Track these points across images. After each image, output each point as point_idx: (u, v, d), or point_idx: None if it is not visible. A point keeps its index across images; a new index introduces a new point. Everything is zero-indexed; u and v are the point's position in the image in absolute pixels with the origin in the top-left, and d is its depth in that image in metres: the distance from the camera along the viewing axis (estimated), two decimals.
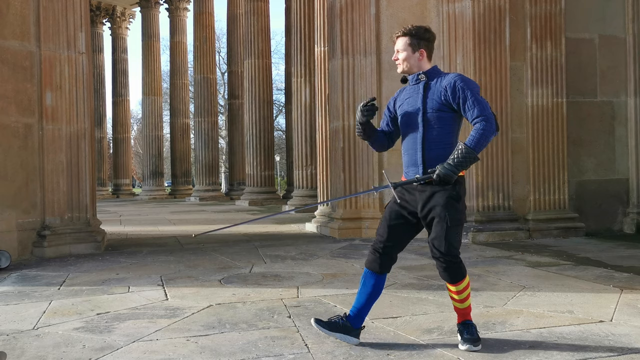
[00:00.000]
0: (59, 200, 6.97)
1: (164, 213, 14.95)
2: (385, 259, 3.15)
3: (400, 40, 3.18)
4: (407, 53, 3.15)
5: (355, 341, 3.18)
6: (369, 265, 3.19)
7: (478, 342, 3.06)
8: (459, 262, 3.07)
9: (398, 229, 3.14)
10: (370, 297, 3.20)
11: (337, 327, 3.17)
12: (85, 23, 7.34)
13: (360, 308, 3.20)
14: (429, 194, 3.04)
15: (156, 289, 4.82)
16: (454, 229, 3.01)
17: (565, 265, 5.63)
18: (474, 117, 2.97)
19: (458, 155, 2.94)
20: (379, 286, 3.21)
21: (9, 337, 3.47)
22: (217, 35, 33.93)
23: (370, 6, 8.30)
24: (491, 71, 7.62)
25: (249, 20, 18.41)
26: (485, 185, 7.59)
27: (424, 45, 3.15)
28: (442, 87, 3.05)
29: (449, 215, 3.00)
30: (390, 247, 3.14)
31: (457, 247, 3.06)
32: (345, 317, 3.20)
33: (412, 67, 3.16)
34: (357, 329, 3.20)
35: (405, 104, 3.17)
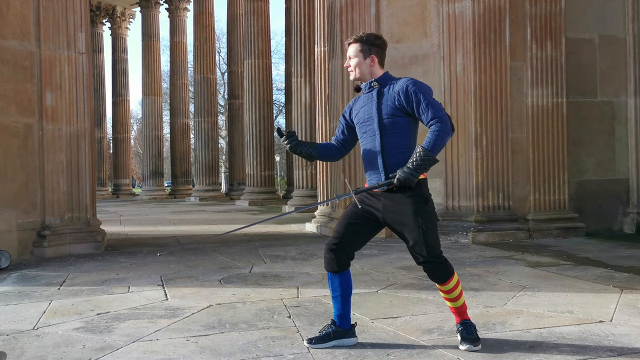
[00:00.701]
0: (59, 200, 6.97)
1: (164, 213, 14.95)
2: (341, 255, 3.13)
3: (351, 47, 3.20)
4: (358, 59, 3.16)
5: (353, 341, 3.18)
6: (328, 268, 3.18)
7: (478, 342, 3.06)
8: (444, 262, 3.08)
9: (356, 227, 3.14)
10: (344, 296, 3.19)
11: (329, 337, 3.16)
12: (85, 23, 7.34)
13: (341, 310, 3.19)
14: (394, 201, 3.04)
15: (156, 289, 4.82)
16: (429, 231, 3.01)
17: (565, 265, 5.63)
18: (429, 120, 2.97)
19: (417, 159, 2.94)
20: (347, 282, 3.19)
21: (9, 337, 3.47)
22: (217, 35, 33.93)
23: (370, 6, 8.29)
24: (491, 71, 7.62)
25: (249, 21, 18.41)
26: (485, 185, 7.59)
27: (375, 52, 3.16)
28: (395, 93, 3.06)
29: (421, 219, 3.00)
30: (345, 243, 3.13)
31: (438, 247, 3.07)
32: (333, 323, 3.19)
33: (364, 74, 3.17)
34: (349, 329, 3.19)
35: (361, 112, 3.18)
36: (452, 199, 7.79)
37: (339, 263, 3.14)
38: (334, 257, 3.14)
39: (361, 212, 3.14)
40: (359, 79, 3.20)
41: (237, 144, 22.58)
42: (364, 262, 5.99)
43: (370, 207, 3.12)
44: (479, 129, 7.56)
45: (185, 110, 25.67)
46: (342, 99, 8.38)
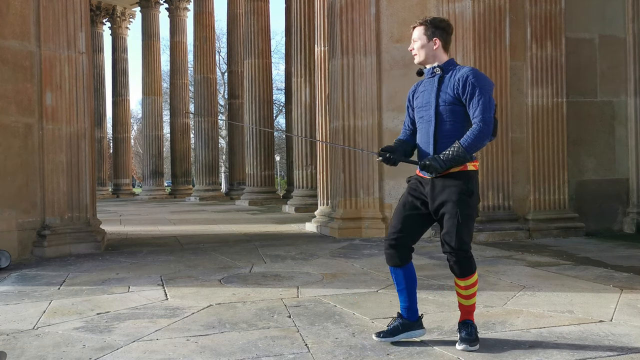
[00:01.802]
0: (59, 200, 6.97)
1: (164, 213, 14.95)
2: (402, 250, 3.14)
3: (416, 30, 3.20)
4: (421, 42, 3.15)
5: (421, 332, 3.21)
6: (390, 262, 3.19)
7: (475, 343, 3.06)
8: (469, 257, 3.08)
9: (412, 219, 3.15)
10: (409, 289, 3.20)
11: (398, 330, 3.17)
12: (85, 23, 7.34)
13: (407, 302, 3.20)
14: (441, 188, 3.05)
15: (156, 289, 4.82)
16: (465, 224, 3.02)
17: (565, 265, 5.64)
18: (474, 117, 2.98)
19: (451, 153, 2.96)
20: (411, 275, 3.20)
21: (9, 336, 3.47)
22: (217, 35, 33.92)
23: (370, 6, 8.30)
24: (491, 71, 7.62)
25: (249, 20, 18.41)
26: (485, 185, 7.59)
27: (439, 35, 3.15)
28: (456, 80, 3.05)
29: (460, 211, 3.00)
30: (404, 237, 3.14)
31: (469, 242, 3.07)
32: (400, 316, 3.20)
33: (428, 57, 3.16)
34: (416, 321, 3.21)
35: (420, 97, 3.19)
36: None
37: (401, 257, 3.14)
38: (396, 252, 3.14)
39: (414, 201, 3.14)
40: (422, 63, 3.19)
41: (237, 144, 22.58)
42: (364, 261, 6.00)
43: (422, 195, 3.12)
44: None
45: (186, 110, 25.64)
46: (342, 98, 8.38)
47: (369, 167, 8.27)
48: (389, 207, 8.20)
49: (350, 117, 8.34)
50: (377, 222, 8.19)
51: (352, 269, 5.64)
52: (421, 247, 6.99)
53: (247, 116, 18.36)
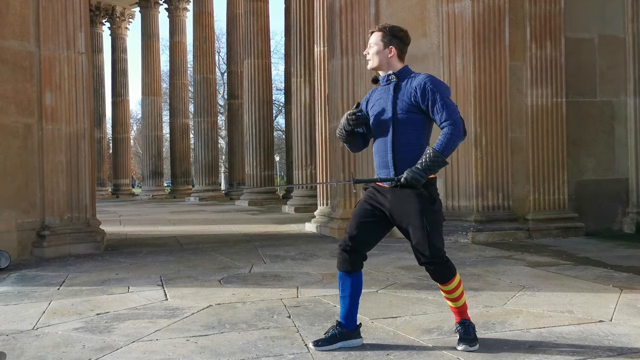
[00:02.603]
0: (58, 201, 6.97)
1: (164, 213, 14.95)
2: (356, 257, 3.11)
3: (373, 35, 3.19)
4: (377, 47, 3.15)
5: (359, 342, 3.17)
6: (341, 267, 3.15)
7: (475, 342, 3.06)
8: (445, 262, 3.06)
9: (368, 226, 3.12)
10: (353, 297, 3.17)
11: (336, 338, 3.13)
12: (84, 23, 7.34)
13: (348, 311, 3.17)
14: (401, 199, 3.02)
15: (156, 289, 4.82)
16: (434, 231, 2.99)
17: (565, 265, 5.64)
18: (442, 121, 2.96)
19: (427, 160, 2.93)
20: (358, 283, 3.17)
21: (9, 337, 3.47)
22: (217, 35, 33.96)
23: (369, 6, 8.29)
24: (491, 71, 7.62)
25: (248, 20, 18.41)
26: (484, 185, 7.59)
27: (396, 43, 3.15)
28: (412, 88, 3.04)
29: (426, 219, 2.98)
30: (359, 244, 3.11)
31: (442, 247, 3.04)
32: (339, 325, 3.17)
33: (382, 63, 3.15)
34: (354, 330, 3.18)
35: (376, 105, 3.15)
36: (451, 199, 7.79)
37: (352, 263, 3.12)
38: (348, 258, 3.11)
39: (371, 209, 3.12)
40: (375, 68, 3.17)
41: (236, 144, 22.58)
42: None
43: (378, 204, 3.10)
44: (478, 129, 7.56)
45: (185, 110, 25.68)
46: (341, 99, 8.38)
47: (369, 167, 8.27)
48: None
49: None
50: None
51: None
52: None
53: (247, 116, 18.36)
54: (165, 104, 32.76)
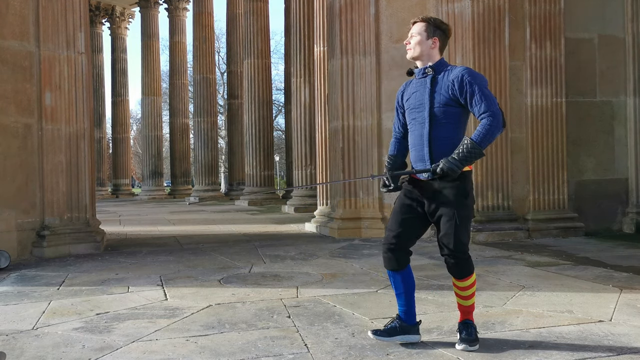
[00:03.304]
0: (58, 201, 6.97)
1: (164, 213, 14.95)
2: (400, 254, 3.12)
3: (416, 25, 3.16)
4: (420, 37, 3.11)
5: (417, 338, 3.16)
6: (388, 266, 3.16)
7: (475, 343, 3.06)
8: (467, 258, 3.08)
9: (409, 222, 3.12)
10: (407, 292, 3.17)
11: (395, 331, 3.14)
12: (84, 23, 7.34)
13: (405, 306, 3.17)
14: (436, 190, 3.03)
15: (155, 289, 4.82)
16: (462, 226, 3.01)
17: (565, 265, 5.64)
18: (481, 113, 2.93)
19: (463, 150, 2.91)
20: (409, 278, 3.18)
21: (9, 337, 3.47)
22: (217, 35, 33.95)
23: (369, 6, 8.30)
24: (490, 71, 7.62)
25: (248, 20, 18.41)
26: (484, 185, 7.59)
27: (439, 35, 3.12)
28: (450, 81, 3.01)
29: (457, 212, 2.99)
30: (402, 241, 3.12)
31: (467, 243, 3.06)
32: (399, 318, 3.18)
33: (423, 54, 3.11)
34: (414, 325, 3.17)
35: (412, 98, 3.13)
36: None
37: (399, 261, 3.12)
38: (394, 256, 3.12)
39: (410, 204, 3.12)
40: (416, 58, 3.13)
41: (236, 144, 22.58)
42: (364, 262, 6.00)
43: (417, 198, 3.10)
44: None
45: (185, 110, 25.67)
46: (341, 99, 8.38)
47: (369, 167, 8.27)
48: (388, 207, 8.19)
49: (349, 117, 8.34)
50: (376, 222, 8.19)
51: (351, 269, 5.64)
52: (421, 247, 6.99)
53: (247, 116, 18.36)
54: (165, 104, 32.74)
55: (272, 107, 20.10)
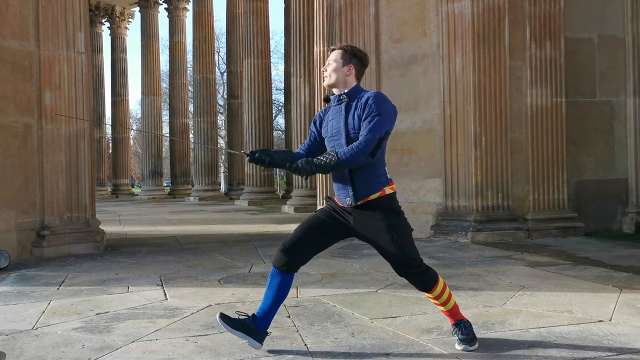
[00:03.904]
0: (58, 200, 6.96)
1: (163, 213, 14.95)
2: (293, 259, 3.06)
3: (333, 52, 3.16)
4: (336, 64, 3.11)
5: (257, 345, 3.07)
6: (275, 263, 3.09)
7: (474, 341, 3.06)
8: (425, 270, 3.06)
9: (318, 235, 3.10)
10: (276, 298, 3.09)
11: (241, 326, 3.06)
12: (84, 23, 7.33)
13: (266, 310, 3.10)
14: (366, 217, 3.01)
15: (155, 289, 4.82)
16: (405, 242, 3.00)
17: (565, 265, 5.64)
18: (363, 135, 2.92)
19: (324, 161, 2.91)
20: (286, 287, 3.10)
21: (8, 337, 3.47)
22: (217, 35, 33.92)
23: (369, 6, 8.30)
24: (490, 71, 7.62)
25: (248, 20, 18.41)
26: (484, 185, 7.59)
27: (354, 62, 3.11)
28: (361, 105, 3.01)
29: (395, 234, 2.98)
30: (302, 247, 3.07)
31: (418, 257, 3.05)
32: (253, 317, 3.10)
33: (338, 81, 3.11)
34: (261, 333, 3.09)
35: (329, 126, 3.12)
36: (451, 199, 7.79)
37: (288, 265, 3.06)
38: (285, 260, 3.05)
39: (326, 220, 3.10)
40: (332, 85, 3.13)
41: (236, 144, 22.58)
42: (364, 261, 6.00)
43: (341, 217, 3.08)
44: (478, 129, 7.56)
45: (185, 110, 25.68)
46: None
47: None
48: None
49: None
50: None
51: (351, 268, 5.64)
52: (421, 247, 6.97)
53: (247, 116, 18.36)
54: (165, 104, 32.74)
55: (272, 107, 20.10)
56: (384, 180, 3.04)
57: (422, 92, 8.04)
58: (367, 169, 3.00)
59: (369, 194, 2.99)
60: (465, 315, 3.23)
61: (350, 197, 3.02)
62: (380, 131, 2.92)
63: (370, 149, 2.90)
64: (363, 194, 3.00)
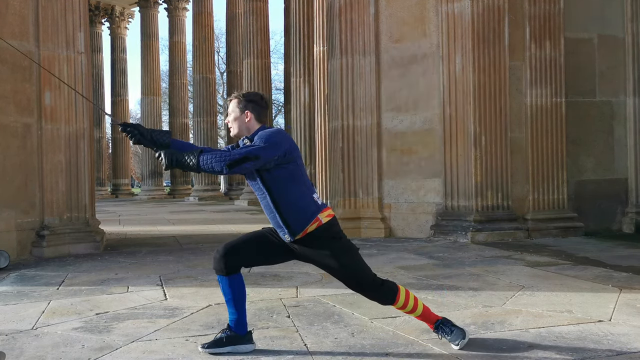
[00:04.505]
0: (57, 200, 6.96)
1: (163, 213, 14.94)
2: (231, 260, 3.06)
3: (230, 103, 3.18)
4: (234, 114, 3.12)
5: (249, 348, 3.11)
6: (214, 266, 3.09)
7: (463, 334, 3.08)
8: (380, 285, 3.07)
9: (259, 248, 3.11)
10: (237, 300, 3.11)
11: (222, 342, 3.08)
12: (84, 23, 7.33)
13: (235, 315, 3.12)
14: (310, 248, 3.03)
15: (155, 289, 4.82)
16: (353, 263, 3.03)
17: (564, 264, 5.64)
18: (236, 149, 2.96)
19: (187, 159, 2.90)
20: (239, 285, 3.11)
21: (8, 337, 3.46)
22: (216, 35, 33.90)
23: (369, 6, 8.30)
24: (490, 71, 7.62)
25: (248, 20, 18.41)
26: (484, 185, 7.59)
27: (251, 108, 3.11)
28: None
29: (341, 258, 3.00)
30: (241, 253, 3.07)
31: (369, 274, 3.06)
32: (229, 328, 3.13)
33: (241, 128, 3.11)
34: (244, 335, 3.12)
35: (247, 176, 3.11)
36: (451, 199, 7.78)
37: (227, 266, 3.06)
38: (222, 260, 3.05)
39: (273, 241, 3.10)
40: (238, 135, 3.14)
41: None
42: None
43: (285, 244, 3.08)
44: (478, 129, 7.56)
45: (184, 110, 25.67)
46: (341, 99, 8.39)
47: (368, 167, 8.27)
48: (388, 207, 8.20)
49: (349, 117, 8.34)
50: (376, 222, 8.18)
51: None
52: (421, 247, 7.00)
53: None
54: (165, 104, 32.73)
55: (271, 106, 20.08)
56: (315, 208, 3.02)
57: (422, 92, 8.04)
58: (292, 204, 2.99)
59: (304, 227, 2.99)
60: (465, 315, 3.23)
61: (288, 234, 3.02)
62: (249, 155, 2.90)
63: (229, 161, 2.88)
64: (299, 229, 3.00)
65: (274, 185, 3.01)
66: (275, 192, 3.01)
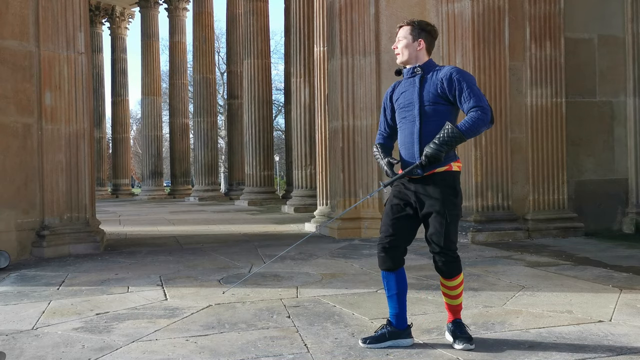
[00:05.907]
0: (58, 201, 6.96)
1: (163, 213, 14.95)
2: (394, 253, 3.12)
3: (402, 29, 3.20)
4: (406, 41, 3.15)
5: (409, 342, 3.14)
6: (382, 266, 3.15)
7: (472, 340, 3.08)
8: (456, 257, 3.10)
9: (401, 222, 3.13)
10: (400, 295, 3.16)
11: (385, 337, 3.12)
12: (84, 23, 7.33)
13: (397, 309, 3.16)
14: (426, 188, 3.05)
15: (155, 289, 4.82)
16: (452, 224, 3.04)
17: (565, 265, 5.64)
18: (470, 108, 2.97)
19: (444, 135, 2.94)
20: (402, 280, 3.17)
21: (8, 337, 3.46)
22: (217, 35, 33.95)
23: (369, 6, 8.30)
24: (490, 71, 7.62)
25: (248, 20, 18.40)
26: (484, 185, 7.59)
27: (424, 37, 3.16)
28: (439, 80, 3.05)
29: (447, 211, 3.01)
30: (396, 240, 3.12)
31: (456, 242, 3.09)
32: (389, 324, 3.16)
33: (410, 57, 3.16)
34: (404, 329, 3.16)
35: (402, 98, 3.17)
36: None
37: (393, 261, 3.11)
38: (388, 256, 3.11)
39: (400, 204, 3.13)
40: (404, 62, 3.18)
41: (236, 144, 22.58)
42: (364, 262, 6.00)
43: (406, 197, 3.11)
44: None
45: (185, 110, 25.67)
46: (341, 99, 8.38)
47: (368, 167, 8.27)
48: None
49: (349, 117, 8.34)
50: (376, 222, 8.18)
51: (351, 269, 5.64)
52: (421, 247, 6.98)
53: (247, 116, 18.36)
54: (165, 104, 32.74)
55: (272, 107, 20.10)
56: (452, 155, 3.06)
57: None
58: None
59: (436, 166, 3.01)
60: (465, 316, 3.24)
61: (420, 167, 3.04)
62: (483, 98, 2.99)
63: (489, 116, 2.97)
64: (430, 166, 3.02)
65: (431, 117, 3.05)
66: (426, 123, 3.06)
